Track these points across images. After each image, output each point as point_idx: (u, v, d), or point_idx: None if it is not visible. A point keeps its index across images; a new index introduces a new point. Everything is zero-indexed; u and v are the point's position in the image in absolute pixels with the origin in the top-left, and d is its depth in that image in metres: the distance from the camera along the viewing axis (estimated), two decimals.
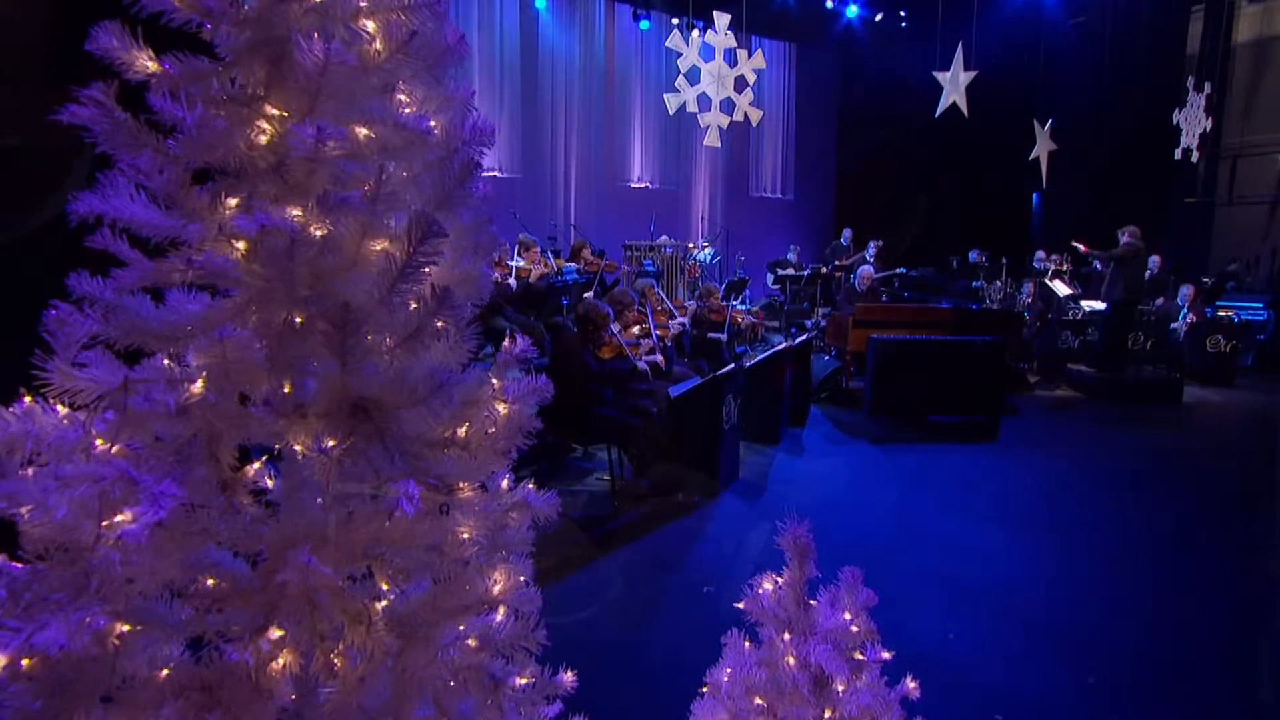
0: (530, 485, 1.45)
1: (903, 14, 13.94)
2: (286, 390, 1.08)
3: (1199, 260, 13.21)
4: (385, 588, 1.13)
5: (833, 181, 16.47)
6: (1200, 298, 10.35)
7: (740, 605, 1.53)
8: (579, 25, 12.85)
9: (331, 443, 1.06)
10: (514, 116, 12.21)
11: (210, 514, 1.00)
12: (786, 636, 1.45)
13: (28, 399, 1.06)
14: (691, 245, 11.27)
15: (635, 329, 5.83)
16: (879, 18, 13.96)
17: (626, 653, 3.32)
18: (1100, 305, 9.27)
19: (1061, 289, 9.52)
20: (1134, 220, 9.19)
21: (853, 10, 13.78)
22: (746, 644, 1.57)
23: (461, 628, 1.24)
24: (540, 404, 1.43)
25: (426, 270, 1.28)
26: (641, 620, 3.64)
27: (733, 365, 5.81)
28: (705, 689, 1.62)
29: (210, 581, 1.01)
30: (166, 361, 1.07)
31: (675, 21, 11.95)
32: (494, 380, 1.33)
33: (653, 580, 4.12)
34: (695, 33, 8.23)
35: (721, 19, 7.52)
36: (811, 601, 1.52)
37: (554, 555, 4.42)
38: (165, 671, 1.01)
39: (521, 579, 1.44)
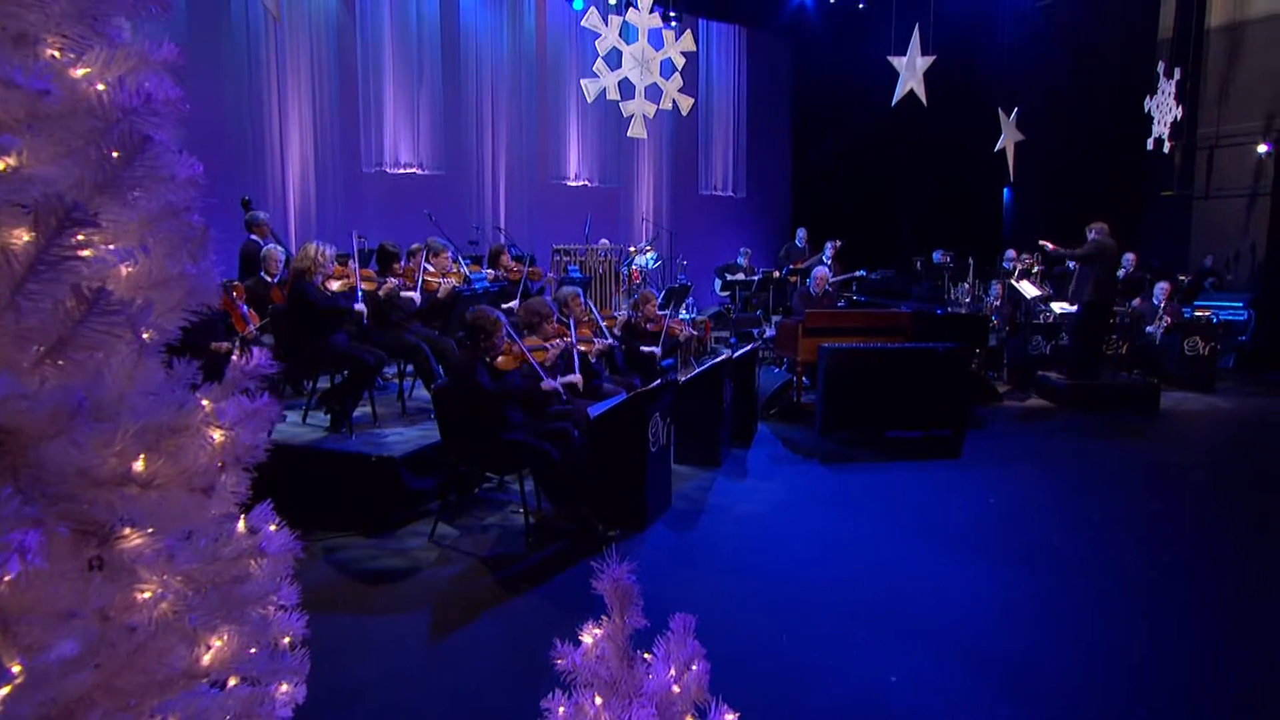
0: (271, 528, 1.32)
1: None
2: None
3: (1177, 257, 13.60)
4: (17, 670, 1.00)
5: (788, 178, 16.62)
6: (1177, 297, 10.63)
7: (559, 662, 1.42)
8: (506, 5, 12.77)
9: None
10: (434, 107, 12.06)
11: None
12: (598, 700, 1.35)
13: None
14: (633, 249, 11.22)
15: (557, 341, 5.67)
16: None
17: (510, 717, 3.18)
18: (1071, 307, 9.44)
19: (1029, 290, 9.68)
20: (1108, 215, 9.39)
21: None
22: (561, 710, 1.46)
23: (152, 708, 1.11)
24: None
25: (122, 270, 1.17)
26: (539, 677, 3.50)
27: (659, 381, 5.73)
28: None
29: None
30: None
31: (613, 1, 11.91)
32: (205, 402, 1.21)
33: (561, 627, 3.98)
34: (632, 12, 8.13)
35: None
36: (646, 655, 1.42)
37: (454, 601, 4.26)
38: None
39: (286, 640, 1.31)
